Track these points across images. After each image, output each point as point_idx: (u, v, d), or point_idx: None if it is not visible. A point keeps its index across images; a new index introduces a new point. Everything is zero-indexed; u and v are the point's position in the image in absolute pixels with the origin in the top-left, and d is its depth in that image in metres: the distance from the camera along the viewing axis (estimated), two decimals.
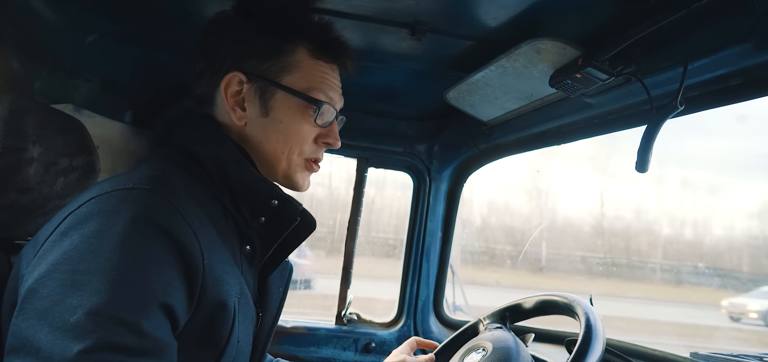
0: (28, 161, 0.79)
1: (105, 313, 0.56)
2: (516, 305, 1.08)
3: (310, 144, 0.84)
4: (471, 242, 2.27)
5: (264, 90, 0.80)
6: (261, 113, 0.81)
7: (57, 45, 1.06)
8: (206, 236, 0.68)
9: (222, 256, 0.72)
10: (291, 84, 0.81)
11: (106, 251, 0.59)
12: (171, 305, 0.62)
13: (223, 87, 0.80)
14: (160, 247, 0.62)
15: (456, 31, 1.02)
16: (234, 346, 0.73)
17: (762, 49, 0.78)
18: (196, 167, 0.77)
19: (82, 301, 0.56)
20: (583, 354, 0.81)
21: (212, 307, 0.68)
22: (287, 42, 0.81)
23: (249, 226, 0.80)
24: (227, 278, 0.71)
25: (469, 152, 1.69)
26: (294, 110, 0.81)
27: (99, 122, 1.27)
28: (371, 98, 1.51)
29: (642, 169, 0.91)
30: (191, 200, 0.70)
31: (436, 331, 1.82)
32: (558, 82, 1.01)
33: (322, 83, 0.83)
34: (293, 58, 0.81)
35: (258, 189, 0.79)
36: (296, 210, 0.82)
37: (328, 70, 0.85)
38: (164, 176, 0.70)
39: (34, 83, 1.02)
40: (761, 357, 1.28)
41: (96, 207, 0.63)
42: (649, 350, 1.28)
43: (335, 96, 0.86)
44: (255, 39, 0.80)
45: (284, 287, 0.94)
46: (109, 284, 0.57)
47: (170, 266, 0.62)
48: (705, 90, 0.94)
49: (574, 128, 1.31)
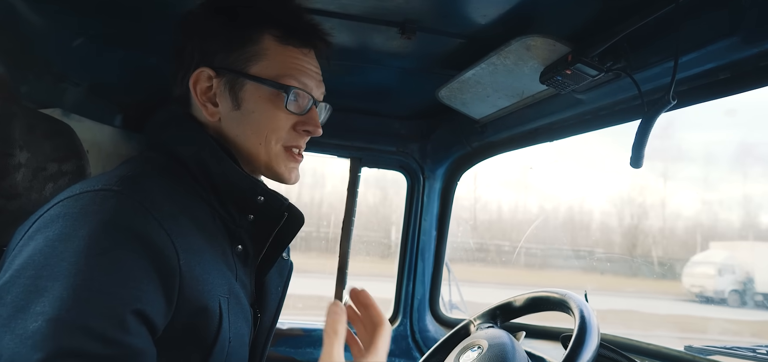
0: (15, 166, 0.79)
1: (66, 320, 0.54)
2: (507, 303, 1.08)
3: (287, 132, 0.81)
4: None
5: (233, 83, 0.78)
6: (233, 107, 0.79)
7: (43, 49, 1.05)
8: (183, 237, 0.66)
9: (205, 257, 0.70)
10: (259, 73, 0.78)
11: (71, 256, 0.57)
12: (143, 310, 0.60)
13: (192, 84, 0.78)
14: (129, 250, 0.60)
15: (446, 30, 1.02)
16: (223, 347, 0.71)
17: (749, 43, 0.78)
18: (179, 168, 0.76)
19: (44, 308, 0.55)
20: (578, 348, 0.82)
21: (193, 309, 0.66)
22: (252, 31, 0.79)
23: (238, 225, 0.79)
24: (210, 278, 0.70)
25: (462, 150, 1.69)
26: (265, 99, 0.79)
27: (88, 126, 1.26)
28: (363, 97, 1.51)
29: (636, 164, 0.92)
30: (168, 202, 0.68)
31: (433, 330, 1.82)
32: (548, 78, 1.01)
33: (292, 69, 0.80)
34: (260, 47, 0.79)
35: (242, 186, 0.77)
36: (282, 205, 0.80)
37: (299, 55, 0.81)
38: (138, 178, 0.68)
39: (20, 88, 1.01)
40: (754, 349, 1.29)
41: (63, 209, 0.62)
42: (643, 344, 1.29)
43: (310, 81, 0.82)
44: (220, 32, 0.78)
45: (283, 286, 0.92)
46: (73, 290, 0.56)
47: (141, 270, 0.61)
48: (694, 84, 0.94)
49: (565, 124, 1.31)
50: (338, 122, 1.63)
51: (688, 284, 9.71)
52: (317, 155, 1.72)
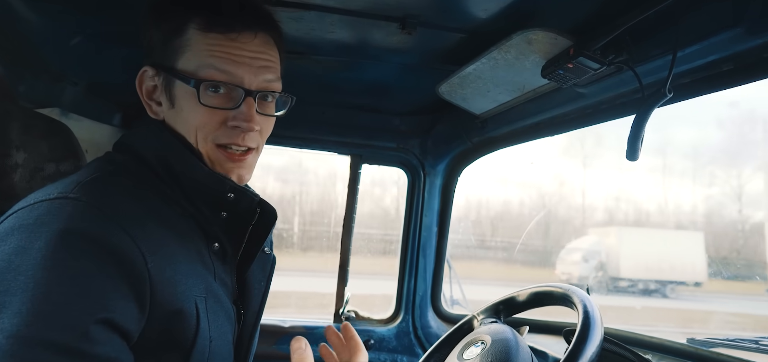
0: (12, 167, 0.78)
1: (26, 336, 0.53)
2: (510, 298, 1.08)
3: (217, 129, 0.74)
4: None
5: (167, 80, 0.75)
6: (169, 105, 0.75)
7: (40, 48, 1.04)
8: (150, 240, 0.64)
9: (177, 258, 0.68)
10: (183, 67, 0.72)
11: (28, 269, 0.55)
12: (110, 318, 0.58)
13: (138, 84, 0.76)
14: (89, 259, 0.58)
15: (446, 24, 1.01)
16: (204, 347, 0.70)
17: (752, 34, 0.77)
18: (143, 169, 0.73)
19: (3, 324, 0.53)
20: (582, 342, 0.81)
21: (168, 312, 0.65)
22: (177, 21, 0.73)
23: (211, 223, 0.76)
24: (183, 279, 0.68)
25: (463, 145, 1.68)
26: (189, 94, 0.73)
27: (87, 126, 1.25)
28: (363, 94, 1.50)
29: (632, 157, 0.91)
30: (130, 205, 0.66)
31: (435, 326, 1.82)
32: (550, 72, 1.00)
33: (211, 58, 0.72)
34: (184, 38, 0.72)
35: (208, 183, 0.74)
36: (253, 201, 0.78)
37: (224, 41, 0.72)
38: (96, 182, 0.66)
39: (17, 88, 1.00)
40: (756, 340, 1.29)
41: (17, 222, 0.59)
42: (646, 337, 1.29)
43: (239, 70, 0.73)
44: (155, 26, 0.75)
45: (266, 281, 0.90)
46: (32, 303, 0.54)
47: (104, 278, 0.59)
48: (696, 77, 0.94)
49: (566, 118, 1.31)
50: (338, 118, 1.64)
51: (559, 271, 9.89)
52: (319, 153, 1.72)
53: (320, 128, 1.62)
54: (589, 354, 0.81)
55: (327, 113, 1.60)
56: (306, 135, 1.63)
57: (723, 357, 1.11)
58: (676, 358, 1.20)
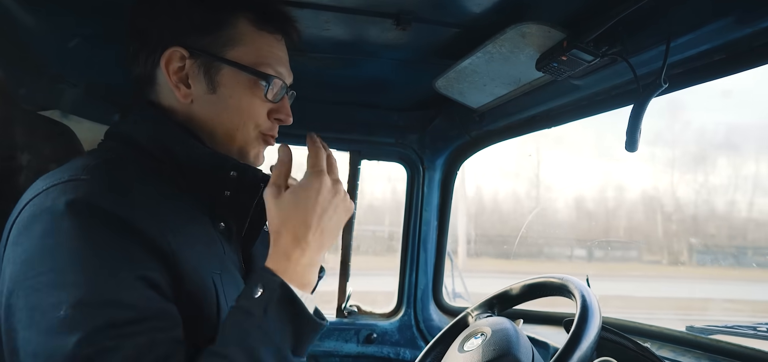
0: (17, 169, 0.80)
1: (87, 300, 0.56)
2: (504, 292, 1.09)
3: (264, 120, 0.81)
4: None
5: (209, 66, 0.76)
6: (208, 90, 0.77)
7: (39, 50, 1.05)
8: (166, 218, 0.66)
9: (191, 237, 0.70)
10: (238, 59, 0.76)
11: (62, 245, 0.58)
12: (148, 275, 0.61)
13: (164, 64, 0.76)
14: (114, 230, 0.61)
15: (441, 19, 1.02)
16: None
17: (744, 23, 0.78)
18: (141, 156, 0.74)
19: (61, 298, 0.56)
20: (580, 331, 0.82)
21: (190, 288, 0.66)
22: (226, 13, 0.76)
23: (215, 203, 0.78)
24: (200, 257, 0.69)
25: (461, 139, 1.69)
26: (244, 85, 0.77)
27: (88, 127, 1.26)
28: (360, 90, 1.51)
29: (631, 148, 0.92)
30: (139, 186, 0.68)
31: (437, 319, 1.83)
32: (544, 65, 1.01)
33: (269, 57, 0.79)
34: (236, 31, 0.77)
35: (209, 164, 0.76)
36: (257, 176, 0.79)
37: (273, 42, 0.80)
38: (104, 166, 0.67)
39: (18, 91, 1.01)
40: (755, 327, 1.30)
41: (36, 209, 0.61)
42: (645, 326, 1.30)
43: (284, 70, 0.81)
44: (191, 12, 0.76)
45: None
46: (79, 273, 0.57)
47: (132, 244, 0.61)
48: (689, 66, 0.94)
49: (563, 110, 1.32)
50: (336, 115, 1.65)
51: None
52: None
53: (318, 125, 1.63)
54: (587, 342, 0.82)
55: (325, 110, 1.60)
56: (304, 133, 1.62)
57: (721, 343, 1.13)
58: (674, 345, 1.21)
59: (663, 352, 1.18)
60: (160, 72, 0.77)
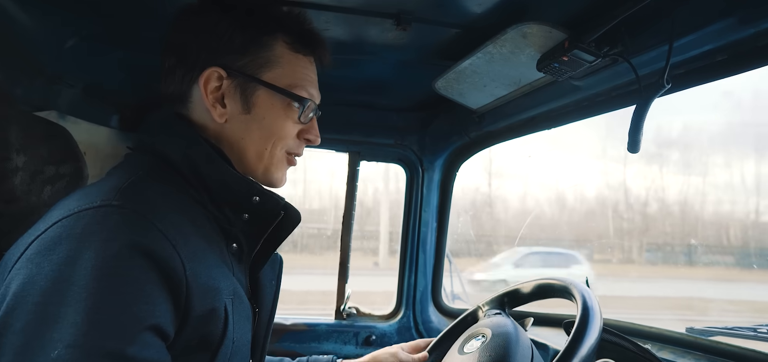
0: (12, 170, 0.78)
1: (85, 345, 0.55)
2: (514, 290, 1.09)
3: (292, 140, 0.84)
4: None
5: (245, 86, 0.78)
6: (243, 110, 0.79)
7: (35, 50, 1.04)
8: (187, 244, 0.66)
9: (208, 261, 0.70)
10: (274, 80, 0.79)
11: (80, 280, 0.57)
12: (157, 324, 0.60)
13: (203, 83, 0.77)
14: (137, 267, 0.60)
15: (441, 20, 1.01)
16: (228, 347, 0.72)
17: (746, 23, 0.78)
18: (171, 171, 0.75)
19: (62, 335, 0.55)
20: (581, 334, 0.82)
21: (201, 315, 0.66)
22: (265, 36, 0.79)
23: (232, 225, 0.78)
24: (215, 282, 0.70)
25: (460, 140, 1.69)
26: (278, 107, 0.80)
27: (85, 128, 1.25)
28: (360, 91, 1.50)
29: (634, 149, 0.92)
30: (168, 208, 0.68)
31: (436, 321, 1.83)
32: (545, 66, 1.01)
33: (303, 80, 0.82)
34: (272, 53, 0.79)
35: (236, 187, 0.77)
36: (278, 204, 0.80)
37: (307, 64, 0.84)
38: (136, 187, 0.67)
39: (14, 91, 1.00)
40: (755, 328, 1.29)
41: (63, 231, 0.60)
42: (645, 327, 1.30)
43: (315, 91, 0.85)
44: (231, 33, 0.78)
45: (277, 280, 0.93)
46: (86, 313, 0.56)
47: (151, 284, 0.61)
48: (691, 67, 0.94)
49: (563, 111, 1.31)
50: (336, 116, 1.64)
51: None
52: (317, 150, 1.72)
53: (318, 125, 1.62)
54: (588, 345, 0.81)
55: (324, 111, 1.58)
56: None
57: (721, 345, 1.12)
58: (674, 347, 1.20)
59: (663, 354, 1.18)
60: (196, 89, 0.78)
